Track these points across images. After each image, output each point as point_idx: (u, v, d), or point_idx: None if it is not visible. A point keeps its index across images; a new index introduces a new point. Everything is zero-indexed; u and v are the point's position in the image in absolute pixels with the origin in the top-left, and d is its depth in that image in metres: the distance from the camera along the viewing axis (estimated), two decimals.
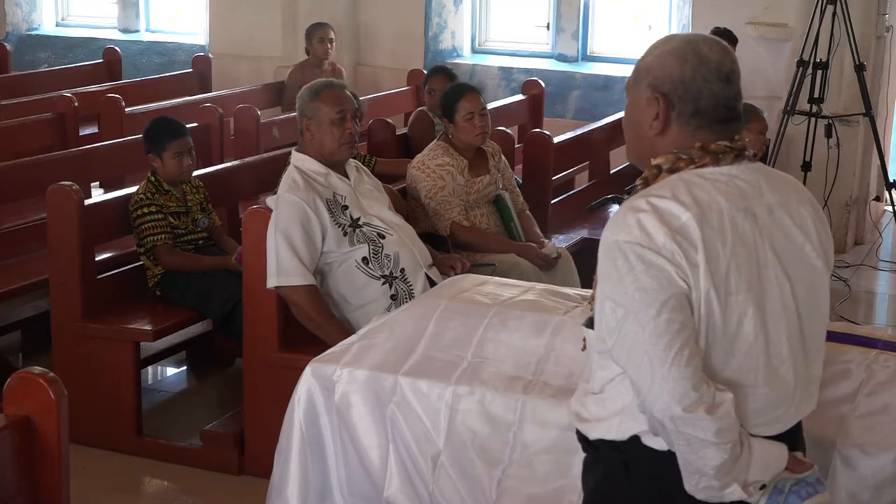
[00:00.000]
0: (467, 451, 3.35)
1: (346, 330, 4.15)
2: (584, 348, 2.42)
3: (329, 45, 8.08)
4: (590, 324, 2.33)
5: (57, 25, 10.72)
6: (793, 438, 2.32)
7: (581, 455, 2.43)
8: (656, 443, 2.23)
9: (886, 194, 7.51)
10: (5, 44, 9.38)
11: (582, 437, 2.39)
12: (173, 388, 5.47)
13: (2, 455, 2.32)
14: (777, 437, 2.26)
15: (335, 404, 3.50)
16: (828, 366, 3.30)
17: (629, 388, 2.22)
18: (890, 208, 7.80)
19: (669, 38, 2.35)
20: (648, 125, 2.30)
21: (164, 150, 4.91)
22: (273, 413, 3.87)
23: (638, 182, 2.32)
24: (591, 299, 2.35)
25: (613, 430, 2.28)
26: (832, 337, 3.49)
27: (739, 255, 2.19)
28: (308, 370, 3.56)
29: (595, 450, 2.35)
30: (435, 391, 3.41)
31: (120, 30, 10.43)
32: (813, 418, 3.13)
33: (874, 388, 3.25)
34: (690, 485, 2.17)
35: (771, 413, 2.26)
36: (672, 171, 2.26)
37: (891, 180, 7.37)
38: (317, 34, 8.11)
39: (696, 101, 2.27)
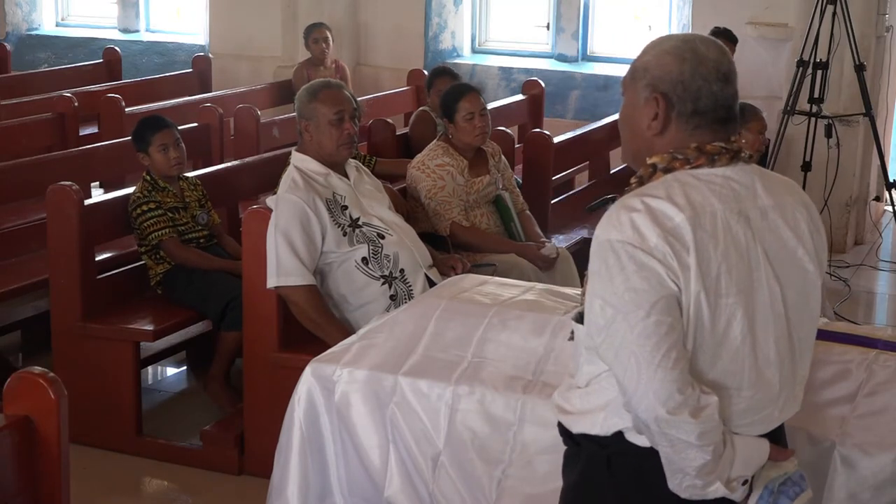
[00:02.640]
0: (467, 451, 3.36)
1: (346, 330, 4.15)
2: (570, 338, 2.42)
3: (324, 45, 8.09)
4: (579, 318, 2.33)
5: (57, 25, 10.73)
6: (775, 437, 2.31)
7: None
8: (640, 439, 2.23)
9: (886, 194, 7.51)
10: (5, 44, 9.38)
11: (564, 431, 2.39)
12: (173, 388, 5.46)
13: (2, 455, 2.32)
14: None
15: (335, 404, 3.50)
16: (828, 366, 3.32)
17: (614, 383, 2.22)
18: (890, 208, 7.80)
19: (667, 38, 2.34)
20: (647, 125, 2.29)
21: (149, 146, 4.93)
22: (273, 413, 3.87)
23: (632, 181, 2.30)
24: (583, 294, 2.33)
25: (598, 425, 2.28)
26: (832, 337, 3.50)
27: (731, 257, 2.19)
28: (308, 370, 3.56)
29: (576, 444, 2.35)
30: (435, 391, 3.41)
31: (120, 30, 10.44)
32: (813, 418, 3.14)
33: (874, 388, 3.24)
34: (674, 483, 2.18)
35: (755, 415, 2.26)
36: (667, 170, 2.25)
37: (891, 180, 7.37)
38: (311, 35, 8.15)
39: (696, 100, 2.26)
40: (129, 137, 5.15)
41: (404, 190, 5.26)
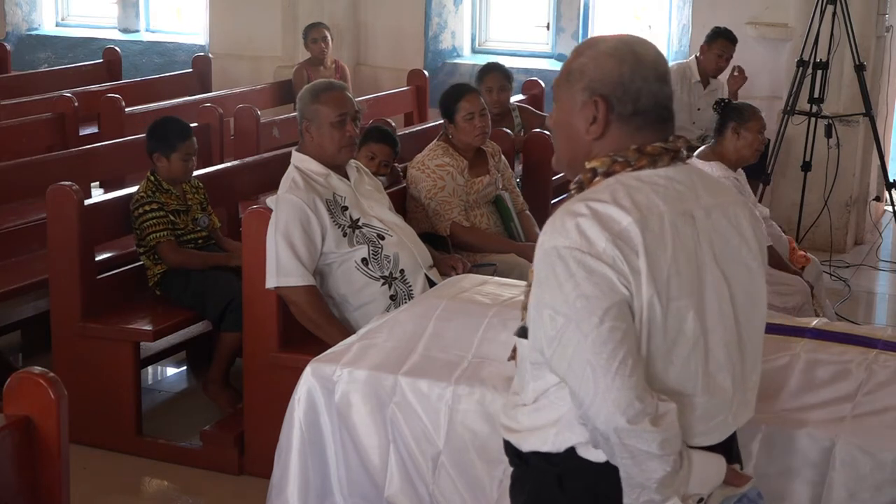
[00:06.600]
0: (467, 451, 3.35)
1: (346, 330, 4.15)
2: (510, 358, 2.35)
3: (323, 45, 8.11)
4: (522, 333, 2.25)
5: (57, 25, 10.73)
6: (729, 449, 2.26)
7: None
8: (593, 454, 2.15)
9: (886, 194, 7.51)
10: (5, 44, 9.38)
11: (511, 450, 2.29)
12: (173, 388, 5.47)
13: (2, 455, 2.32)
14: (714, 448, 2.20)
15: (335, 404, 3.50)
16: (828, 366, 3.32)
17: (565, 398, 2.14)
18: (890, 208, 7.80)
19: (601, 39, 2.28)
20: (585, 129, 2.23)
21: (173, 151, 4.90)
22: (273, 413, 3.87)
23: (572, 187, 2.25)
24: (524, 307, 2.26)
25: (549, 441, 2.20)
26: (832, 337, 3.50)
27: (679, 259, 2.13)
28: (308, 370, 3.56)
29: (525, 463, 2.26)
30: (435, 391, 3.41)
31: (120, 30, 10.44)
32: (813, 418, 3.14)
33: (874, 388, 3.24)
34: (630, 499, 2.10)
35: (710, 422, 2.19)
36: (608, 174, 2.19)
37: (891, 180, 7.37)
38: (310, 35, 8.16)
39: (636, 101, 2.20)
40: (138, 136, 5.13)
41: (404, 190, 5.25)
